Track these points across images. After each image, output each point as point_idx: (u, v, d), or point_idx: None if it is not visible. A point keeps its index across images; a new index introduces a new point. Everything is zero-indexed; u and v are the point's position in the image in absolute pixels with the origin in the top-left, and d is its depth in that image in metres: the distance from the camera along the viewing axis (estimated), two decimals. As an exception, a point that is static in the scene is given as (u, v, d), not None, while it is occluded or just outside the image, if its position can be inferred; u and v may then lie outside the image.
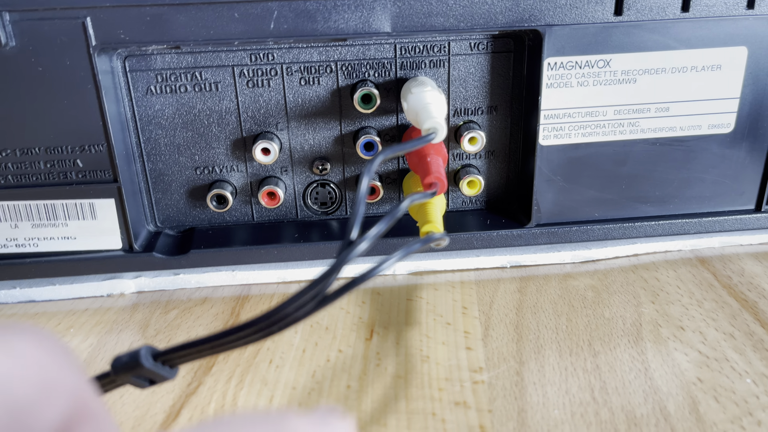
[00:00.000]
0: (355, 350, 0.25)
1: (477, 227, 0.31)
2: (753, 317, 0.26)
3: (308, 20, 0.26)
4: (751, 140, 0.30)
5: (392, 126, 0.30)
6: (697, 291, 0.28)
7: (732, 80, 0.29)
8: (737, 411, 0.21)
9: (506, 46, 0.29)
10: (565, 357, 0.24)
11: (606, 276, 0.30)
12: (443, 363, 0.24)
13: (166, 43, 0.26)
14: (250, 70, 0.28)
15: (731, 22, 0.28)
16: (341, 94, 0.29)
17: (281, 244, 0.30)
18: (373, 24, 0.26)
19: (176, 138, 0.29)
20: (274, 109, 0.29)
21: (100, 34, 0.25)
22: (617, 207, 0.31)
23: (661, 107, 0.29)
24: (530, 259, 0.31)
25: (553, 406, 0.22)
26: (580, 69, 0.28)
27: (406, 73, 0.29)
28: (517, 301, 0.28)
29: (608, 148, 0.29)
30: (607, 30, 0.27)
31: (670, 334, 0.25)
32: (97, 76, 0.26)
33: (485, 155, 0.31)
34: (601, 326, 0.26)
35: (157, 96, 0.28)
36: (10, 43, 0.25)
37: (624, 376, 0.23)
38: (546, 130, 0.29)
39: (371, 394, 0.23)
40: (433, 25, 0.26)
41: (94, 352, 0.26)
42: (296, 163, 0.30)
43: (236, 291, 0.30)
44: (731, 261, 0.31)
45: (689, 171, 0.30)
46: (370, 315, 0.27)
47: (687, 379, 0.23)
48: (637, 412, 0.21)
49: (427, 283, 0.30)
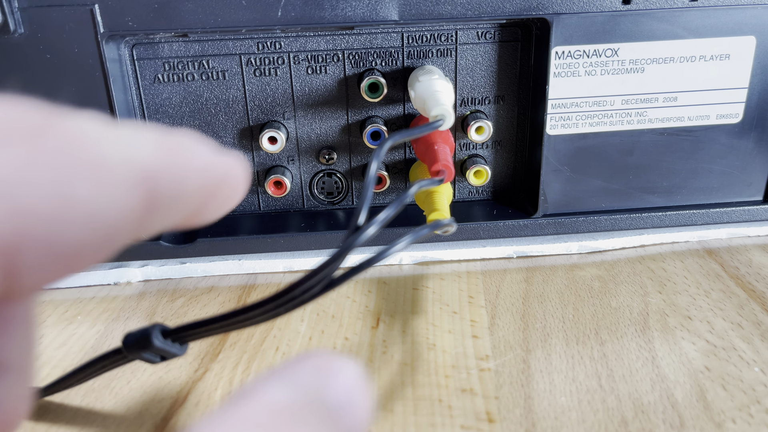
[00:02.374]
0: (362, 338, 0.25)
1: (483, 217, 0.31)
2: (761, 307, 0.26)
3: (316, 8, 0.26)
4: (760, 130, 0.30)
5: (399, 115, 0.30)
6: (704, 281, 0.28)
7: (740, 70, 0.29)
8: (745, 399, 0.21)
9: (514, 35, 0.29)
10: (571, 345, 0.24)
11: (613, 266, 0.30)
12: (450, 351, 0.24)
13: (173, 30, 0.26)
14: (258, 59, 0.28)
15: (740, 11, 0.27)
16: (348, 83, 0.29)
17: (288, 233, 0.30)
18: (380, 12, 0.26)
19: (183, 126, 0.29)
20: (281, 98, 0.29)
21: (107, 22, 0.25)
22: (624, 197, 0.31)
23: (669, 97, 0.29)
24: (537, 249, 0.31)
25: (560, 393, 0.22)
26: (587, 58, 0.28)
27: (413, 62, 0.29)
28: (523, 290, 0.28)
29: (616, 138, 0.29)
30: (615, 19, 0.27)
31: (677, 323, 0.25)
32: (105, 63, 0.26)
33: (492, 145, 0.31)
34: (608, 316, 0.26)
35: (165, 84, 0.28)
36: (18, 30, 0.25)
37: (631, 364, 0.23)
38: (553, 119, 0.29)
39: (377, 380, 0.23)
40: (440, 13, 0.26)
41: (101, 339, 0.26)
42: (303, 153, 0.30)
43: (243, 280, 0.30)
44: (739, 252, 0.31)
45: (697, 161, 0.30)
46: (377, 304, 0.27)
47: (694, 368, 0.23)
48: (644, 399, 0.21)
49: (433, 273, 0.30)
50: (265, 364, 0.24)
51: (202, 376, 0.23)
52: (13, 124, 0.10)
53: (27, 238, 0.10)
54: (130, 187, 0.11)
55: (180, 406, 0.22)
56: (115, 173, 0.11)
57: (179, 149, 0.13)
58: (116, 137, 0.11)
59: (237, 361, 0.24)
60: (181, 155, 0.13)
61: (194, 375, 0.23)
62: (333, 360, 0.13)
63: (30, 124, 0.10)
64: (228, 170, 0.14)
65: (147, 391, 0.22)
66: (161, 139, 0.12)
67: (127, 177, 0.11)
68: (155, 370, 0.23)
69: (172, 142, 0.13)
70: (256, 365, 0.24)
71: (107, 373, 0.22)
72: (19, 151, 0.10)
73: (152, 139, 0.12)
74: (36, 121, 0.10)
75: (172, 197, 0.12)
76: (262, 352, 0.24)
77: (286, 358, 0.24)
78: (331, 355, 0.13)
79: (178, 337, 0.17)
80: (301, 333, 0.25)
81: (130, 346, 0.17)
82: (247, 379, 0.23)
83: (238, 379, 0.23)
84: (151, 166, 0.12)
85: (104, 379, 0.23)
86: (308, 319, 0.26)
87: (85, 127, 0.11)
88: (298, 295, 0.17)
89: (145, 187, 0.11)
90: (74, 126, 0.10)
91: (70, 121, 0.11)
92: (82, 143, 0.10)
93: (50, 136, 0.10)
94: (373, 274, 0.29)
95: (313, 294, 0.17)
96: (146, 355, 0.18)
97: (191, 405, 0.22)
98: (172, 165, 0.12)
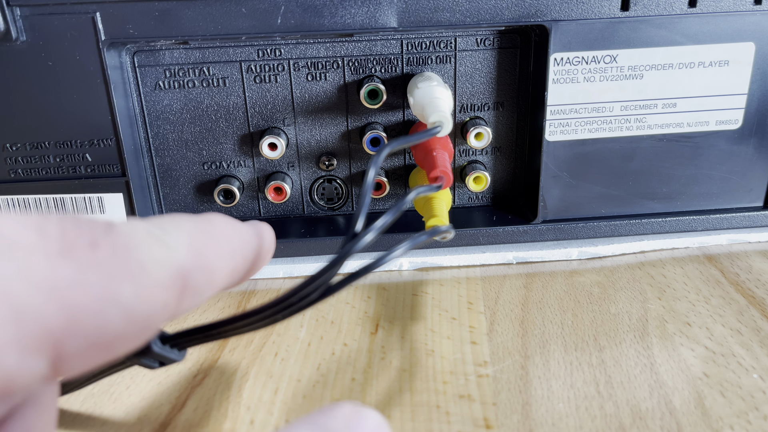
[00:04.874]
0: (360, 344, 0.25)
1: (483, 223, 0.31)
2: (760, 313, 0.26)
3: (315, 15, 0.26)
4: (760, 136, 0.30)
5: (398, 121, 0.30)
6: (704, 287, 0.28)
7: (740, 76, 0.29)
8: (743, 406, 0.21)
9: (512, 42, 0.29)
10: (570, 352, 0.24)
11: (612, 272, 0.30)
12: (448, 357, 0.24)
13: (174, 38, 0.26)
14: (258, 66, 0.28)
15: (739, 17, 0.27)
16: (348, 89, 0.29)
17: (288, 239, 0.30)
18: (379, 19, 0.26)
19: (184, 133, 0.29)
20: (281, 105, 0.29)
21: (109, 29, 0.25)
22: (624, 203, 0.31)
23: (668, 103, 0.29)
24: (536, 255, 0.31)
25: (558, 400, 0.22)
26: (586, 64, 0.28)
27: (412, 68, 0.29)
28: (522, 296, 0.28)
29: (615, 144, 0.29)
30: (614, 25, 0.27)
31: (676, 329, 0.25)
32: (106, 70, 0.26)
33: (491, 151, 0.31)
34: (607, 322, 0.26)
35: (166, 91, 0.28)
36: (20, 37, 0.25)
37: (629, 370, 0.23)
38: (552, 125, 0.29)
39: (376, 386, 0.23)
40: (439, 21, 0.26)
41: (102, 344, 0.26)
42: (303, 159, 0.30)
43: (242, 285, 0.30)
44: (739, 258, 0.30)
45: (697, 167, 0.30)
46: (376, 310, 0.27)
47: (693, 374, 0.23)
48: (642, 406, 0.21)
49: (432, 279, 0.30)
50: (264, 369, 0.24)
51: (201, 381, 0.23)
52: (74, 237, 0.12)
53: (74, 331, 0.11)
54: (166, 285, 0.13)
55: (179, 411, 0.22)
56: (153, 276, 0.12)
57: (211, 240, 0.14)
58: (156, 240, 0.13)
59: (236, 367, 0.24)
60: (213, 246, 0.14)
61: (193, 381, 0.23)
62: (360, 410, 0.14)
63: (87, 237, 0.12)
64: (256, 245, 0.16)
65: (146, 396, 0.23)
66: (194, 234, 0.14)
67: (164, 278, 0.12)
68: (154, 376, 0.23)
69: (204, 234, 0.14)
70: (255, 370, 0.24)
71: (106, 379, 0.23)
72: (79, 261, 0.11)
73: (187, 235, 0.14)
74: (92, 234, 0.12)
75: (205, 284, 0.14)
76: (261, 357, 0.24)
77: (285, 362, 0.24)
78: (359, 406, 0.14)
79: (177, 342, 0.17)
80: (300, 339, 0.25)
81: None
82: (245, 385, 0.23)
83: (237, 384, 0.23)
84: (185, 263, 0.13)
85: (103, 384, 0.23)
86: (307, 325, 0.26)
87: (131, 235, 0.12)
88: (297, 301, 0.17)
89: (180, 283, 0.13)
90: (122, 237, 0.12)
91: (118, 231, 0.12)
92: (127, 252, 0.12)
93: (102, 247, 0.12)
94: (372, 280, 0.30)
95: (311, 300, 0.17)
96: (145, 360, 0.18)
97: (190, 410, 0.22)
98: (205, 258, 0.14)
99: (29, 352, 0.11)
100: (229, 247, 0.15)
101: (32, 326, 0.10)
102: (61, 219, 0.12)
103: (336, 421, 0.13)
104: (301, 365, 0.24)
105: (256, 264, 0.17)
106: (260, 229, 0.17)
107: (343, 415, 0.14)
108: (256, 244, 0.16)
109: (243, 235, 0.16)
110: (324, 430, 0.13)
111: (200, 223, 0.15)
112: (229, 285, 0.16)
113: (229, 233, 0.15)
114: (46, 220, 0.12)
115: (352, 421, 0.14)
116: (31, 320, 0.10)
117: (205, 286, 0.14)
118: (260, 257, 0.17)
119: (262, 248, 0.17)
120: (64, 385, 0.21)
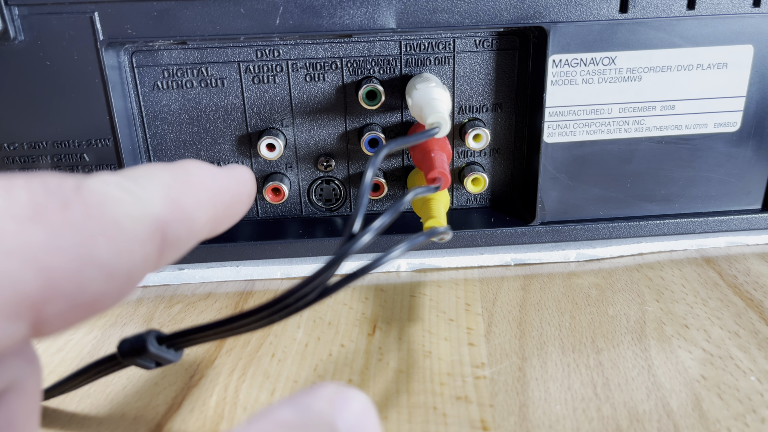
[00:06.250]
0: (358, 345, 0.25)
1: (481, 225, 0.31)
2: (758, 316, 0.26)
3: (313, 16, 0.26)
4: (758, 139, 0.30)
5: (397, 123, 0.30)
6: (702, 290, 0.28)
7: (738, 78, 0.29)
8: (741, 408, 0.21)
9: (511, 44, 0.29)
10: (567, 354, 0.24)
11: (610, 274, 0.30)
12: (445, 358, 0.24)
13: (172, 38, 0.26)
14: (256, 66, 0.28)
15: (737, 20, 0.27)
16: (346, 90, 0.29)
17: (285, 240, 0.30)
18: (378, 20, 0.26)
19: (182, 133, 0.29)
20: (279, 106, 0.29)
21: (107, 29, 0.25)
22: (622, 205, 0.31)
23: (667, 105, 0.29)
24: (534, 257, 0.31)
25: (555, 402, 0.22)
26: (585, 66, 0.28)
27: (411, 70, 0.29)
28: (520, 298, 0.28)
29: (613, 146, 0.29)
30: (613, 27, 0.27)
31: (674, 332, 0.25)
32: (104, 70, 0.26)
33: (490, 153, 0.31)
34: (605, 324, 0.26)
35: (164, 91, 0.28)
36: (19, 37, 0.25)
37: (627, 372, 0.23)
38: (551, 127, 0.29)
39: (373, 388, 0.23)
40: (437, 22, 0.26)
41: (98, 345, 0.26)
42: (301, 160, 0.30)
43: (240, 286, 0.30)
44: (737, 261, 0.30)
45: (695, 170, 0.30)
46: (373, 311, 0.27)
47: (690, 377, 0.23)
48: (639, 408, 0.21)
49: (430, 281, 0.30)
50: (261, 370, 0.24)
51: (197, 382, 0.23)
52: (44, 200, 0.11)
53: (53, 294, 0.11)
54: (144, 239, 0.12)
55: (175, 412, 0.22)
56: (129, 231, 0.12)
57: (187, 189, 0.14)
58: (129, 195, 0.12)
59: (233, 368, 0.24)
60: (190, 195, 0.14)
61: (190, 381, 0.23)
62: (345, 390, 0.14)
63: (57, 198, 0.11)
64: (235, 189, 0.15)
65: (142, 396, 0.22)
66: (170, 184, 0.13)
67: (141, 232, 0.12)
68: (151, 376, 0.23)
69: (180, 183, 0.14)
70: (252, 371, 0.24)
71: (103, 379, 0.23)
72: (50, 224, 0.11)
73: (162, 186, 0.13)
74: (62, 195, 0.12)
75: (185, 235, 0.13)
76: (258, 358, 0.24)
77: (282, 363, 0.24)
78: (344, 386, 0.14)
79: (173, 343, 0.17)
80: (297, 340, 0.25)
81: (125, 352, 0.17)
82: (242, 385, 0.23)
83: (234, 385, 0.23)
84: (162, 215, 0.13)
85: (100, 384, 0.23)
86: (304, 326, 0.26)
87: (103, 191, 0.12)
88: (294, 302, 0.17)
89: (158, 236, 0.13)
90: (93, 194, 0.12)
91: (89, 188, 0.12)
92: (100, 209, 0.12)
93: (74, 207, 0.11)
94: (370, 281, 0.29)
95: (308, 301, 0.17)
96: (141, 361, 0.18)
97: (186, 411, 0.22)
98: (183, 209, 0.13)
99: (7, 319, 0.10)
100: (207, 195, 0.14)
101: (8, 293, 0.10)
102: (28, 181, 0.11)
103: (319, 400, 0.13)
104: (298, 366, 0.24)
105: (237, 209, 0.16)
106: (239, 174, 0.16)
107: (327, 395, 0.13)
108: (235, 188, 0.16)
109: (221, 181, 0.15)
110: (307, 409, 0.13)
111: (175, 171, 0.14)
112: (211, 233, 0.15)
113: (206, 180, 0.15)
114: (12, 184, 0.11)
115: (336, 401, 0.13)
116: (7, 287, 0.10)
117: (186, 236, 0.13)
118: (241, 202, 0.16)
119: (243, 192, 0.16)
120: (60, 387, 0.21)
